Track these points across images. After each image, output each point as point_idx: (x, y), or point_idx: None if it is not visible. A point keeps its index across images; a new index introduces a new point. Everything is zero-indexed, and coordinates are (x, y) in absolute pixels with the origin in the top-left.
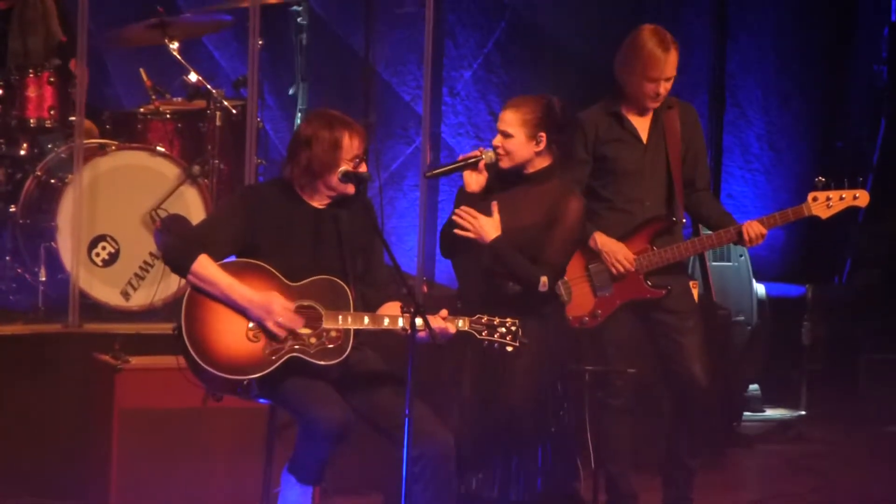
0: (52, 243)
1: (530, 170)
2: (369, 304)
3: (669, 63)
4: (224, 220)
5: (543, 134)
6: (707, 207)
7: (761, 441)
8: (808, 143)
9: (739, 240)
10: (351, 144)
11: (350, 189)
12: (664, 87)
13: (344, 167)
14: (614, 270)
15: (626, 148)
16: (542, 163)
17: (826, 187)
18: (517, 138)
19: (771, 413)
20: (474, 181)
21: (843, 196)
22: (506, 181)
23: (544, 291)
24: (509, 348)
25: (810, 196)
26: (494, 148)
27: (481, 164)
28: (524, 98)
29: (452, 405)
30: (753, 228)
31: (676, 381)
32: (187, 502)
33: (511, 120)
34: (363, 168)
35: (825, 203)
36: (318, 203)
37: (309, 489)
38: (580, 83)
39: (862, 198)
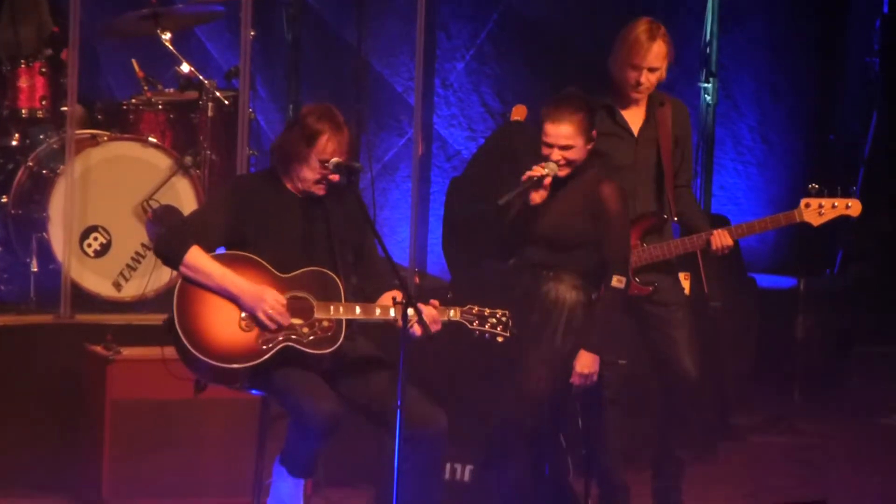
0: (44, 234)
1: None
2: (368, 296)
3: (653, 52)
4: (215, 211)
5: (595, 131)
6: (682, 204)
7: (754, 433)
8: (800, 136)
9: (708, 247)
10: (325, 146)
11: (320, 191)
12: (646, 78)
13: (336, 159)
14: None
15: (618, 142)
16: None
17: (819, 194)
18: (578, 146)
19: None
20: (539, 195)
21: (836, 204)
22: (555, 181)
23: (623, 287)
24: (500, 339)
25: (803, 202)
26: (556, 162)
27: (547, 181)
28: (568, 107)
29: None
30: (722, 239)
31: (666, 373)
32: (179, 493)
33: (570, 133)
34: (334, 178)
35: (817, 210)
36: (306, 195)
37: (301, 481)
38: (573, 75)
39: (854, 207)
